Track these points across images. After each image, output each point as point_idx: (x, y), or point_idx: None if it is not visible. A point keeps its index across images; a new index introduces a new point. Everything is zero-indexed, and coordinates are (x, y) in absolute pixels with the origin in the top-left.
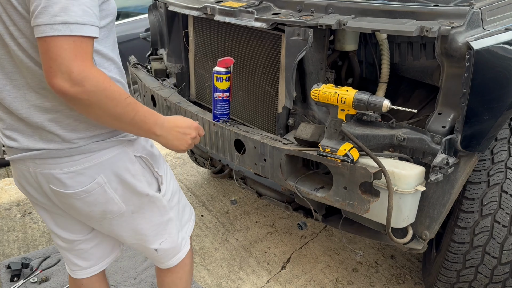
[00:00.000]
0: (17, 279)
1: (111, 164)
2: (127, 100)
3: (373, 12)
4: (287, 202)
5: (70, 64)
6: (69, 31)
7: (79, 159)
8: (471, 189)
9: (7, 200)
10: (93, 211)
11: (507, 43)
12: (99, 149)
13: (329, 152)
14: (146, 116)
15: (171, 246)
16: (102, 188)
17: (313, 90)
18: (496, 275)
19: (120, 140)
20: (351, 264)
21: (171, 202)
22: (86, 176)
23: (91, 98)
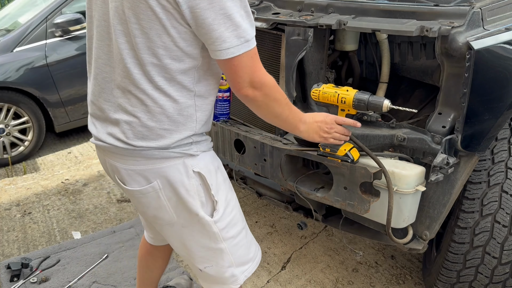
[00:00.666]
0: (17, 279)
1: (168, 173)
2: (285, 101)
3: (373, 12)
4: (287, 202)
5: (251, 76)
6: (246, 48)
7: (140, 160)
8: (472, 189)
9: (7, 200)
10: (146, 213)
11: (507, 43)
12: (160, 157)
13: (329, 152)
14: (295, 114)
15: (216, 275)
16: (157, 193)
17: (313, 90)
18: (496, 275)
19: (182, 153)
20: (351, 264)
21: (225, 233)
22: (144, 178)
23: (265, 99)
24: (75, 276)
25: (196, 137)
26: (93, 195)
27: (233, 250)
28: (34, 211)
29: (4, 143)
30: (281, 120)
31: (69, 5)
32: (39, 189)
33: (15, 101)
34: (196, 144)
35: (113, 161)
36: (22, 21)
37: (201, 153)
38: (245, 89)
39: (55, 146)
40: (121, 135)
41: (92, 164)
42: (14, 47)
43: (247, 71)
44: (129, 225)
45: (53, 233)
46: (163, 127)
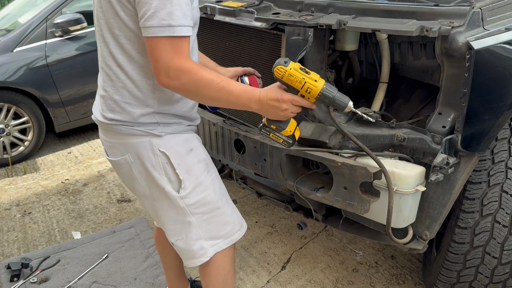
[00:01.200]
0: (17, 279)
1: (137, 149)
2: (219, 85)
3: (373, 12)
4: (287, 202)
5: (168, 62)
6: (166, 33)
7: (113, 134)
8: (472, 189)
9: (7, 200)
10: (125, 183)
11: (507, 43)
12: (127, 133)
13: (274, 129)
14: (240, 95)
15: (185, 248)
16: (129, 166)
17: (278, 67)
18: (497, 275)
19: (147, 132)
20: (351, 264)
21: (194, 209)
22: (118, 150)
23: (188, 88)
24: (75, 276)
25: (162, 119)
26: (93, 195)
27: (202, 224)
28: (34, 211)
29: (4, 143)
30: (223, 103)
31: (69, 5)
32: (39, 189)
33: (15, 101)
34: (162, 126)
35: (101, 134)
36: (22, 21)
37: (167, 134)
38: (161, 77)
39: (55, 146)
40: (101, 108)
41: (92, 164)
42: (14, 47)
43: (164, 57)
44: (129, 225)
45: (53, 233)
46: (125, 100)
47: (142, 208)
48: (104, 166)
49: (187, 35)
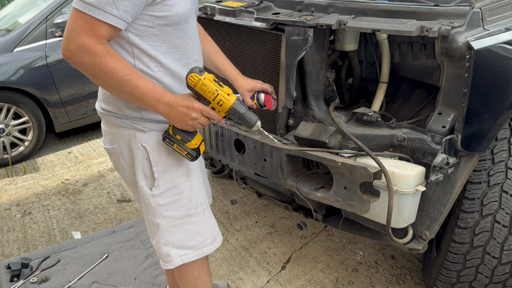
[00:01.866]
0: (17, 279)
1: (123, 140)
2: (124, 77)
3: (373, 12)
4: (287, 202)
5: (75, 37)
6: (82, 8)
7: (106, 123)
8: (472, 189)
9: (7, 200)
10: (118, 171)
11: (507, 43)
12: (115, 124)
13: (179, 140)
14: (146, 93)
15: (156, 248)
16: (117, 155)
17: (192, 75)
18: (496, 275)
19: (132, 126)
20: (351, 264)
21: (164, 211)
22: (109, 139)
23: (88, 69)
24: (75, 276)
25: (148, 115)
26: (93, 195)
27: (170, 230)
28: (34, 211)
29: (4, 143)
30: (124, 94)
31: (69, 5)
32: (39, 189)
33: (15, 101)
34: (149, 122)
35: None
36: (22, 21)
37: (151, 131)
38: (64, 47)
39: (55, 146)
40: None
41: (92, 164)
42: (14, 47)
43: (75, 30)
44: (129, 225)
45: (53, 233)
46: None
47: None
48: (104, 166)
49: (107, 22)
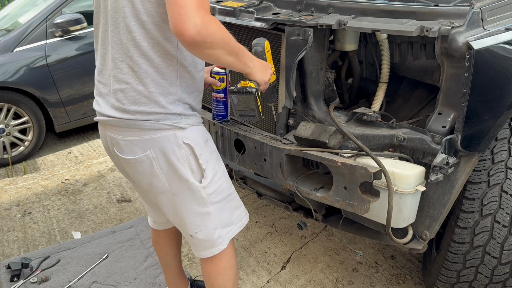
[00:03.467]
0: (17, 279)
1: (161, 143)
2: (234, 39)
3: (373, 12)
4: (287, 202)
5: (196, 11)
6: None
7: (135, 131)
8: (471, 189)
9: (7, 200)
10: (141, 181)
11: (507, 43)
12: (152, 128)
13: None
14: (244, 52)
15: (205, 238)
16: (150, 162)
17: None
18: (496, 275)
19: (172, 125)
20: (351, 264)
21: (212, 198)
22: (138, 148)
23: (214, 39)
24: (75, 276)
25: (184, 110)
26: (93, 195)
27: (218, 213)
28: (34, 211)
29: (4, 143)
30: (234, 56)
31: (69, 5)
32: (39, 189)
33: (15, 101)
34: (185, 118)
35: (113, 134)
36: (22, 21)
37: (190, 126)
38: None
39: (55, 146)
40: (118, 104)
41: (92, 164)
42: (14, 47)
43: (188, 6)
44: (129, 225)
45: (53, 233)
46: (150, 90)
47: (142, 208)
48: (104, 166)
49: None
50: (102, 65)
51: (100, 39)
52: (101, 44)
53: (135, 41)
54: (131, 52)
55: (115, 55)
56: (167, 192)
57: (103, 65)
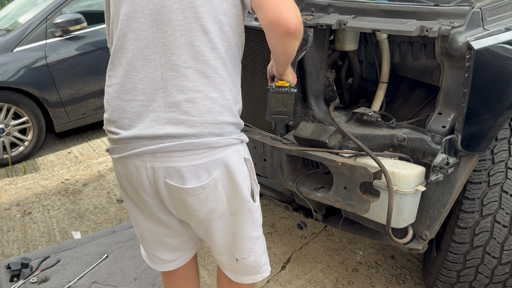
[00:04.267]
0: (17, 279)
1: (228, 161)
2: None
3: (373, 12)
4: (287, 202)
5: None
6: None
7: (203, 152)
8: (472, 189)
9: (6, 200)
10: (200, 210)
11: (507, 43)
12: (224, 144)
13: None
14: None
15: (253, 265)
16: (216, 184)
17: None
18: (496, 275)
19: (238, 139)
20: (351, 264)
21: (260, 217)
22: (205, 171)
23: (302, 31)
24: (75, 276)
25: (239, 120)
26: (93, 195)
27: (262, 237)
28: (34, 211)
29: (4, 143)
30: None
31: (69, 5)
32: (39, 189)
33: (15, 101)
34: (240, 130)
35: (168, 163)
36: (22, 21)
37: (245, 141)
38: (296, 19)
39: (55, 146)
40: (183, 116)
41: (92, 164)
42: (14, 47)
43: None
44: (129, 225)
45: (53, 233)
46: (226, 96)
47: None
48: (104, 166)
49: None
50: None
51: (132, 49)
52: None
53: (213, 43)
54: (207, 56)
55: (176, 62)
56: (224, 214)
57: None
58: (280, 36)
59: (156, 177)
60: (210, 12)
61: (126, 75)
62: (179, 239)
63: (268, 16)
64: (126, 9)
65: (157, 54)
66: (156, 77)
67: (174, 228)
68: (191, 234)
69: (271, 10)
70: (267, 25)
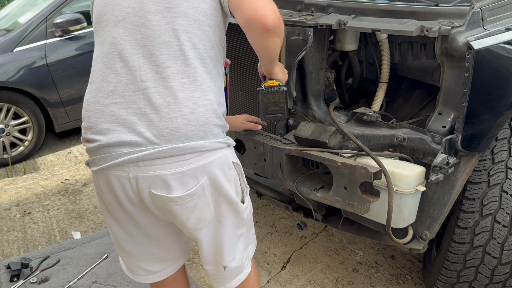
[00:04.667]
0: (17, 279)
1: (214, 166)
2: None
3: (373, 12)
4: (287, 202)
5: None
6: None
7: (189, 158)
8: (472, 189)
9: (6, 200)
10: (189, 219)
11: (507, 43)
12: (209, 149)
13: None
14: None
15: (237, 265)
16: (203, 191)
17: None
18: (497, 275)
19: (225, 143)
20: (351, 265)
21: (248, 217)
22: (192, 178)
23: (282, 27)
24: (75, 276)
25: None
26: (93, 195)
27: (246, 233)
28: (34, 211)
29: (4, 143)
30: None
31: (69, 5)
32: (39, 189)
33: (15, 101)
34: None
35: (153, 172)
36: (22, 21)
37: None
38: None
39: (55, 146)
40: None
41: None
42: (14, 47)
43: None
44: None
45: (53, 233)
46: (208, 97)
47: None
48: None
49: None
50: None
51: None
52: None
53: (192, 42)
54: (186, 55)
55: (156, 62)
56: (211, 220)
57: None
58: (259, 34)
59: (140, 188)
60: (189, 12)
61: (105, 78)
62: (165, 248)
63: (245, 15)
64: (106, 17)
65: (136, 55)
66: (135, 78)
67: (160, 238)
68: (178, 243)
69: (247, 8)
70: (245, 24)
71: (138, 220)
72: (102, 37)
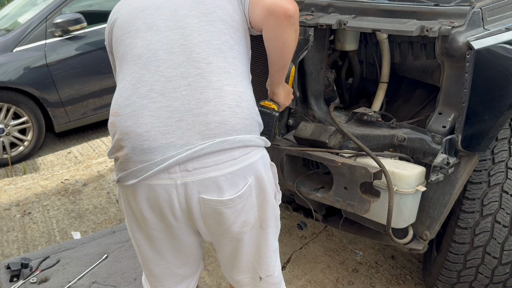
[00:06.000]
0: (17, 280)
1: (260, 165)
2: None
3: (373, 11)
4: (287, 202)
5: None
6: None
7: (238, 156)
8: (472, 189)
9: (6, 200)
10: (235, 223)
11: (507, 43)
12: (256, 144)
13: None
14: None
15: (274, 282)
16: (251, 192)
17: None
18: (497, 275)
19: (264, 141)
20: (351, 265)
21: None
22: (241, 178)
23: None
24: (75, 276)
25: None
26: (93, 195)
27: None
28: (33, 211)
29: (4, 143)
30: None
31: (69, 5)
32: (38, 189)
33: (15, 101)
34: None
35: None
36: (22, 21)
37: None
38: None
39: (55, 146)
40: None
41: (92, 164)
42: (14, 47)
43: None
44: None
45: (52, 233)
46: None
47: None
48: (104, 166)
49: None
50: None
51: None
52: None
53: (229, 44)
54: (225, 53)
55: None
56: (254, 226)
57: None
58: (280, 20)
59: (189, 195)
60: (225, 18)
61: (140, 79)
62: (188, 264)
63: (267, 3)
64: (136, 26)
65: (175, 54)
66: (175, 76)
67: (190, 254)
68: (200, 257)
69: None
70: (266, 12)
71: (177, 234)
72: (132, 44)
